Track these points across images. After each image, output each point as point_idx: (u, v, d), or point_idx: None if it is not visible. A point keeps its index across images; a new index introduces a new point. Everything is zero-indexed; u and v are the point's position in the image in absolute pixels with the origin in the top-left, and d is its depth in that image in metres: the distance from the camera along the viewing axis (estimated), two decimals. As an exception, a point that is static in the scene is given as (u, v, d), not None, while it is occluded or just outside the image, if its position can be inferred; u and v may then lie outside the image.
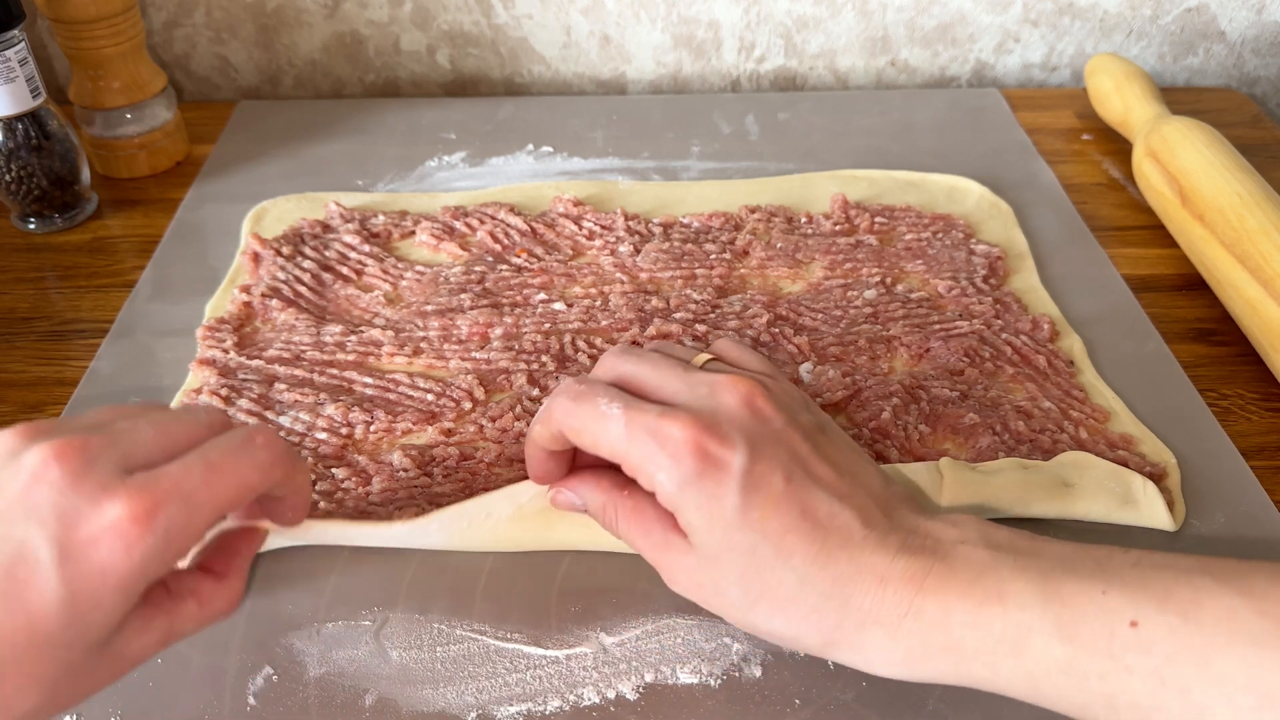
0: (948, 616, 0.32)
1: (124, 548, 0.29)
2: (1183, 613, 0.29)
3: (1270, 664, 0.28)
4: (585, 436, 0.36)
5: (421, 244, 0.59)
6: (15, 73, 0.58)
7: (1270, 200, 0.55)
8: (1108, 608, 0.30)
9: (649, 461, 0.35)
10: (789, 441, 0.35)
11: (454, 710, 0.37)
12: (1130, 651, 0.29)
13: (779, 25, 0.79)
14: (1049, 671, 0.31)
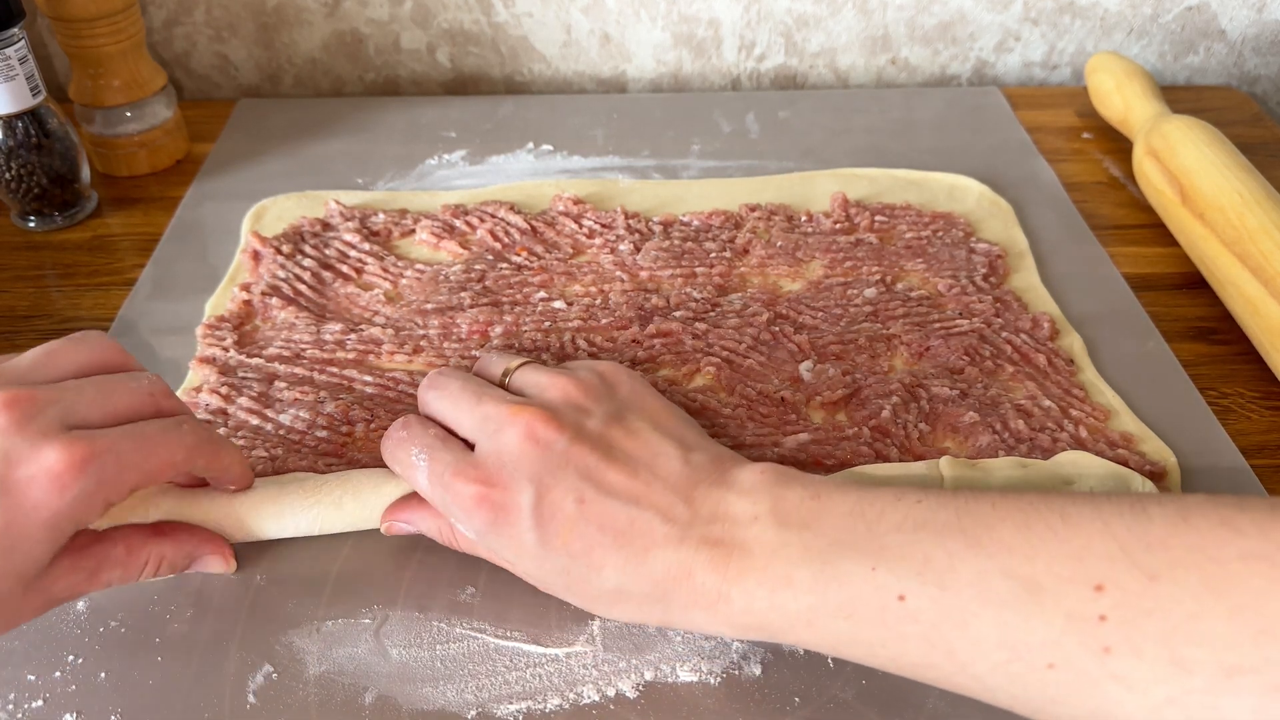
0: (752, 601, 0.35)
1: (57, 489, 0.32)
2: (941, 582, 0.32)
3: (1017, 623, 0.31)
4: (405, 480, 0.41)
5: (421, 242, 0.59)
6: (15, 71, 0.58)
7: (1270, 199, 0.55)
8: (878, 585, 0.33)
9: (451, 515, 0.39)
10: (576, 460, 0.37)
11: (454, 708, 0.37)
12: (902, 622, 0.32)
13: (779, 24, 0.79)
14: (841, 643, 0.34)
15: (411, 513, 0.41)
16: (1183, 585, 0.29)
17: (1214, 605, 0.28)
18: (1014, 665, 0.31)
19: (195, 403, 0.49)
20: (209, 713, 0.37)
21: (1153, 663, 0.29)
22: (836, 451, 0.46)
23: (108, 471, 0.33)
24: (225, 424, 0.48)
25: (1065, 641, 0.30)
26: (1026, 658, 0.30)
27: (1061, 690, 0.30)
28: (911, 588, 0.32)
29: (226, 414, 0.48)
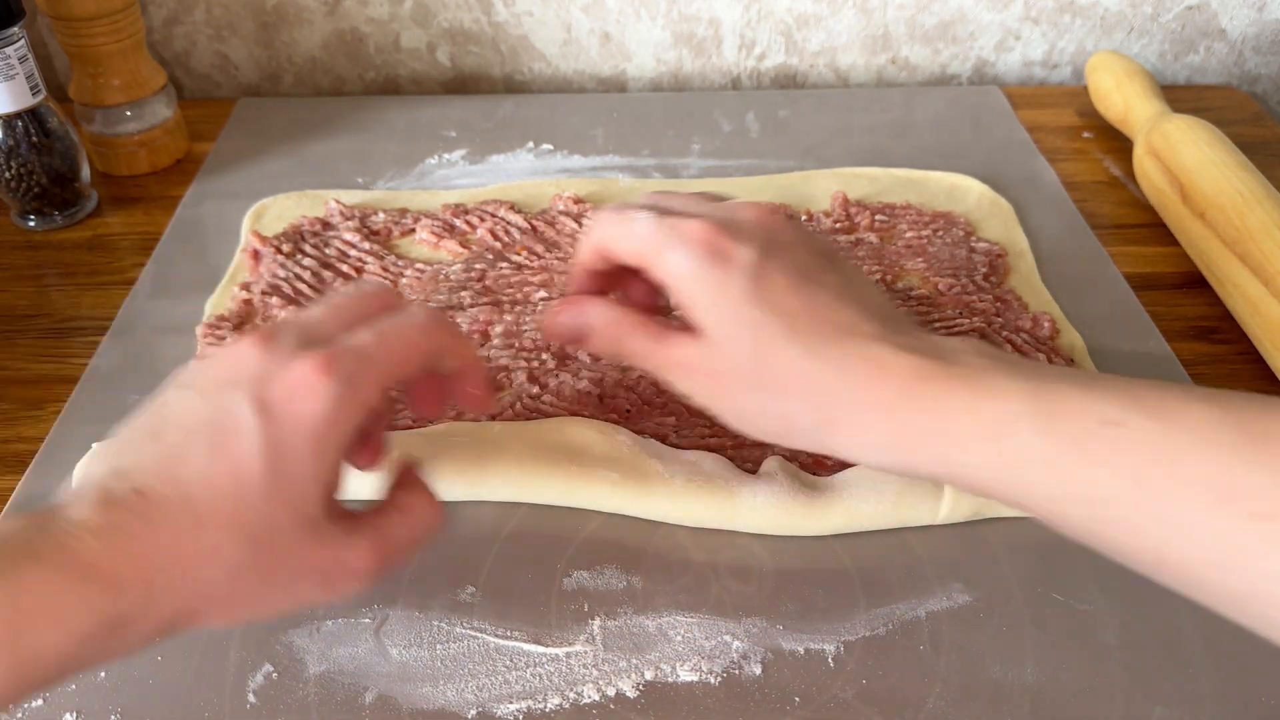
0: (940, 403, 0.33)
1: (312, 394, 0.32)
2: (1164, 419, 0.30)
3: (1233, 467, 0.29)
4: (617, 241, 0.39)
5: (422, 242, 0.59)
6: (15, 70, 0.58)
7: (1271, 198, 0.55)
8: (1089, 408, 0.31)
9: (665, 248, 0.37)
10: (799, 252, 0.37)
11: (454, 708, 0.37)
12: (1105, 447, 0.30)
13: (779, 23, 0.79)
14: (1029, 462, 0.32)
15: (585, 305, 0.40)
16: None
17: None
18: (1216, 510, 0.29)
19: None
20: (209, 712, 0.37)
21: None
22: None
23: (353, 367, 0.33)
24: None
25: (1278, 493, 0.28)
26: (1233, 504, 0.29)
27: (1264, 543, 0.28)
28: (1127, 416, 0.30)
29: (226, 413, 0.48)
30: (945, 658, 0.39)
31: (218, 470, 0.31)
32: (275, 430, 0.31)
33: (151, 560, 0.30)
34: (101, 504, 0.30)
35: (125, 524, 0.30)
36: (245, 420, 0.31)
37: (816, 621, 0.40)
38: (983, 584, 0.41)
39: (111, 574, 0.29)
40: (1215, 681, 0.38)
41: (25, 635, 0.27)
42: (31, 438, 0.49)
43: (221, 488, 0.31)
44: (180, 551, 0.30)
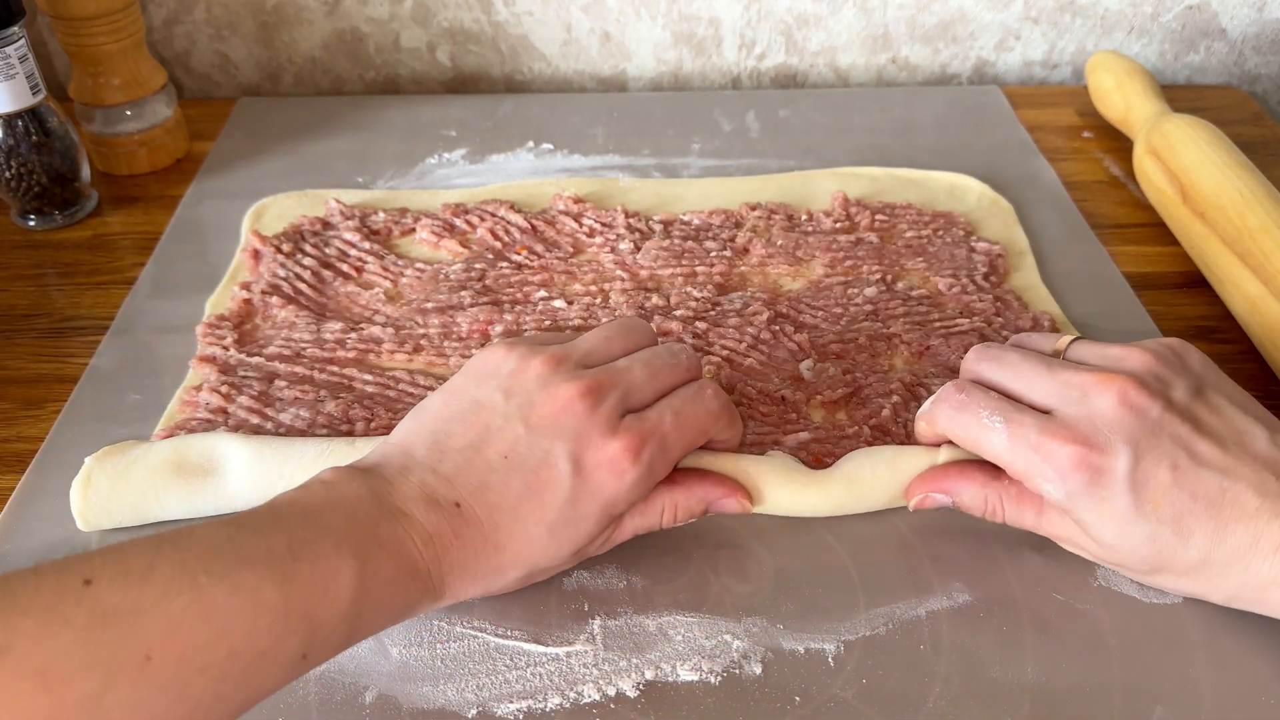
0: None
1: (618, 474, 0.37)
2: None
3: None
4: (969, 444, 0.40)
5: (422, 241, 0.59)
6: (15, 69, 0.58)
7: (1271, 198, 0.55)
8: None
9: (1036, 474, 0.38)
10: (1169, 428, 0.37)
11: (454, 707, 0.37)
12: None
13: (779, 22, 0.79)
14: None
15: (952, 482, 0.41)
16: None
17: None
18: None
19: (195, 401, 0.49)
20: (209, 711, 0.37)
21: None
22: (836, 450, 0.46)
23: (655, 455, 0.38)
24: (225, 423, 0.48)
25: None
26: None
27: None
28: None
29: (226, 413, 0.48)
30: (945, 657, 0.39)
31: (526, 509, 0.36)
32: (581, 491, 0.37)
33: (453, 569, 0.35)
34: (429, 507, 0.35)
35: (444, 535, 0.35)
36: (562, 475, 0.37)
37: (817, 621, 0.40)
38: (983, 584, 0.41)
39: (426, 574, 0.35)
40: (1215, 681, 0.38)
41: (365, 615, 0.33)
42: (31, 437, 0.49)
43: (525, 525, 0.36)
44: (475, 568, 0.36)
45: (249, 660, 0.29)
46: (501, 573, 0.37)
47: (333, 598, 0.31)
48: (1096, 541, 0.39)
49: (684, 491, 0.41)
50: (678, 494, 0.41)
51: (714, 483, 0.42)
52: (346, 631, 0.32)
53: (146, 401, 0.50)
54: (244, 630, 0.29)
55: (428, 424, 0.38)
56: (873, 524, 0.44)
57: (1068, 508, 0.38)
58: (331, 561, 0.32)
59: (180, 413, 0.49)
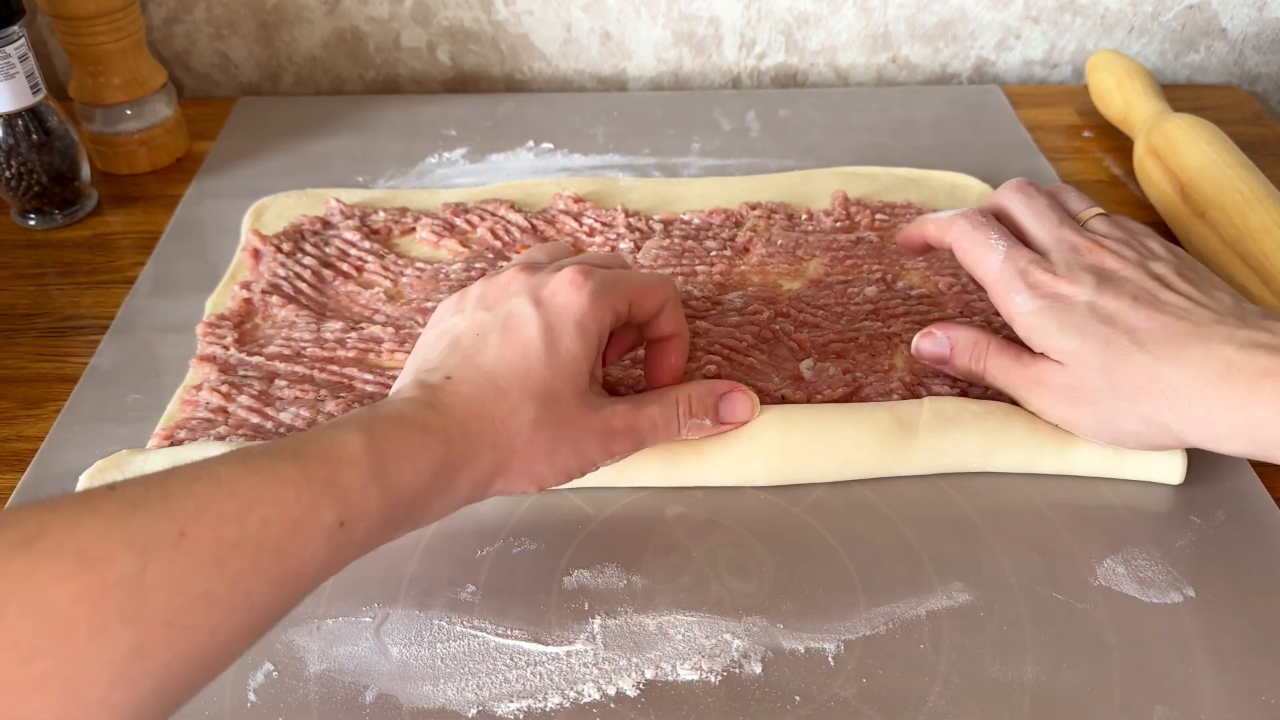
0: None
1: (575, 289, 0.40)
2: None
3: None
4: (967, 256, 0.46)
5: (422, 241, 0.59)
6: (15, 69, 0.58)
7: (1272, 197, 0.55)
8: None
9: (1012, 290, 0.44)
10: (1138, 279, 0.42)
11: (454, 706, 0.37)
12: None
13: (780, 22, 0.79)
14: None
15: (950, 328, 0.47)
16: None
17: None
18: None
19: (195, 401, 0.49)
20: (209, 711, 0.37)
21: None
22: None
23: (605, 278, 0.42)
24: (225, 422, 0.48)
25: None
26: None
27: None
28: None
29: (227, 412, 0.48)
30: (945, 657, 0.39)
31: (510, 351, 0.39)
32: (548, 316, 0.40)
33: (468, 419, 0.37)
34: (420, 386, 0.38)
35: (445, 397, 0.37)
36: (526, 312, 0.40)
37: (817, 620, 0.40)
38: (983, 583, 0.41)
39: (440, 429, 0.36)
40: (1215, 681, 0.38)
41: (390, 467, 0.34)
42: (31, 436, 0.49)
43: (513, 363, 0.39)
44: (487, 411, 0.38)
45: (283, 529, 0.30)
46: (515, 411, 0.38)
47: (350, 462, 0.33)
48: (1060, 354, 0.42)
49: (694, 385, 0.45)
50: (688, 387, 0.45)
51: (719, 381, 0.46)
52: (380, 493, 0.33)
53: (146, 401, 0.50)
54: (271, 500, 0.30)
55: (411, 362, 0.42)
56: (873, 524, 0.44)
57: (1033, 324, 0.43)
58: (337, 436, 0.34)
59: (180, 412, 0.49)
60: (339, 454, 0.33)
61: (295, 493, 0.31)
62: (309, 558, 0.31)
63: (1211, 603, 0.41)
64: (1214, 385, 0.38)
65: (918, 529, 0.44)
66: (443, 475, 0.36)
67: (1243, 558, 0.42)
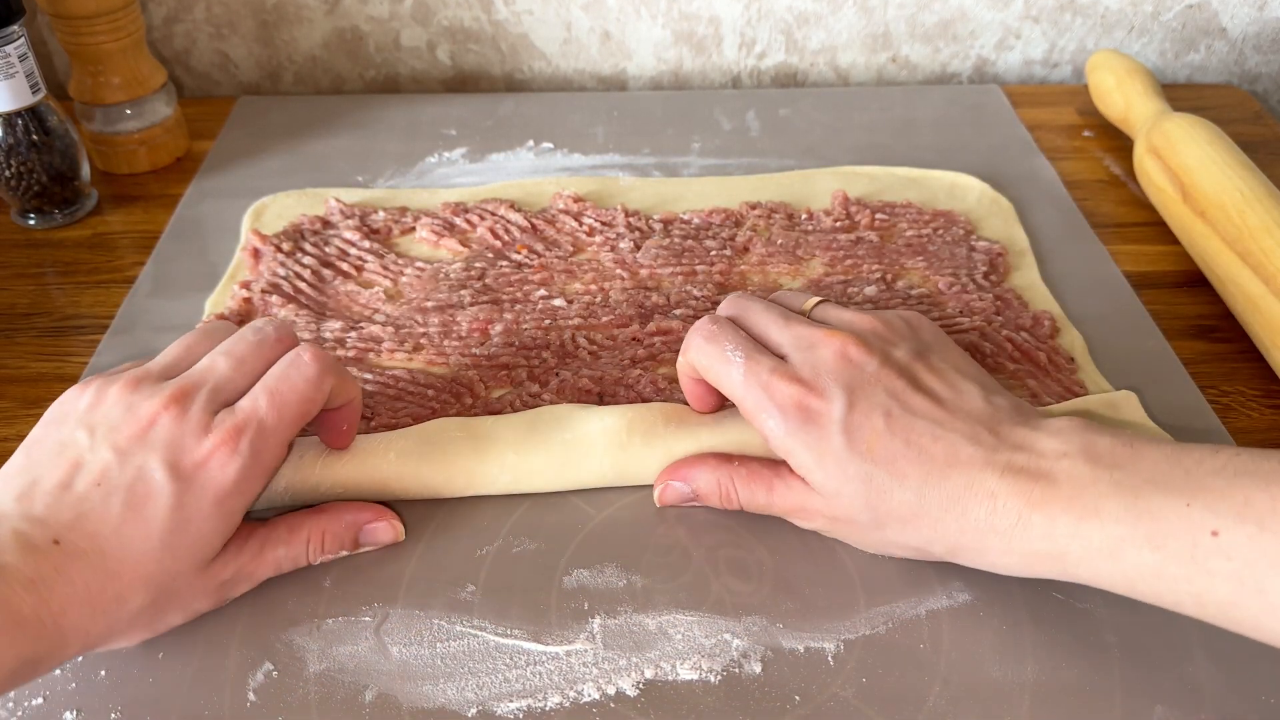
0: (1053, 528, 0.35)
1: (219, 469, 0.36)
2: (1260, 522, 0.32)
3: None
4: (710, 374, 0.42)
5: (422, 240, 0.59)
6: (15, 68, 0.58)
7: (1272, 197, 0.55)
8: (1192, 520, 0.33)
9: (761, 410, 0.40)
10: (885, 381, 0.40)
11: (454, 706, 0.37)
12: (1212, 558, 0.33)
13: (780, 21, 0.79)
14: (1143, 576, 0.34)
15: (688, 469, 0.43)
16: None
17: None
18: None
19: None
20: (209, 710, 0.37)
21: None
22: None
23: (256, 440, 0.37)
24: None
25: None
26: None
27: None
28: (1227, 524, 0.32)
29: (226, 412, 0.48)
30: (945, 656, 0.39)
31: (130, 529, 0.35)
32: (185, 495, 0.36)
33: (66, 609, 0.33)
34: (24, 551, 0.33)
35: (48, 576, 0.33)
36: (159, 485, 0.35)
37: (816, 620, 0.40)
38: (983, 582, 0.41)
39: (36, 622, 0.32)
40: (1215, 681, 0.38)
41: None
42: (31, 436, 0.49)
43: (132, 544, 0.35)
44: (92, 600, 0.34)
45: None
46: (122, 600, 0.35)
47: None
48: (819, 490, 0.39)
49: (330, 518, 0.41)
50: (324, 520, 0.41)
51: (361, 508, 0.42)
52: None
53: (146, 400, 0.50)
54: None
55: (12, 479, 0.36)
56: (873, 523, 0.44)
57: (788, 449, 0.39)
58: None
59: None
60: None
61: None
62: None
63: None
64: (981, 520, 0.36)
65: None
66: (22, 671, 0.32)
67: (1243, 557, 0.42)
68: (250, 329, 0.41)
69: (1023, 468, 0.36)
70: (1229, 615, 0.33)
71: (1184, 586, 0.33)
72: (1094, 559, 0.35)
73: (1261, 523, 0.32)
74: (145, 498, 0.35)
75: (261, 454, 0.38)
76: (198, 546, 0.36)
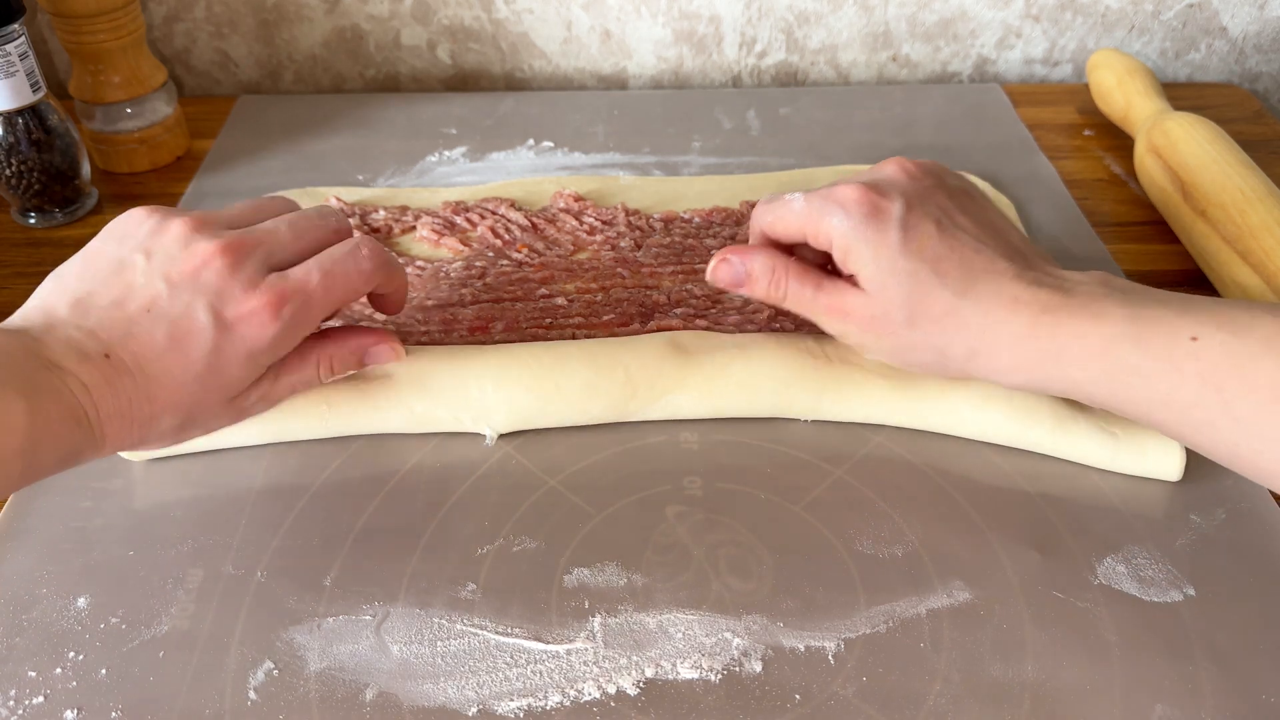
0: (1059, 330, 0.40)
1: (258, 327, 0.39)
2: (1234, 331, 0.37)
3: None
4: (778, 225, 0.45)
5: (422, 239, 0.59)
6: (15, 67, 0.58)
7: (1272, 196, 0.55)
8: (1176, 326, 0.38)
9: (825, 214, 0.43)
10: (936, 198, 0.43)
11: (455, 705, 0.37)
12: (1187, 359, 0.37)
13: (780, 20, 0.79)
14: (1124, 372, 0.39)
15: (747, 254, 0.45)
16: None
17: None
18: (1274, 406, 0.35)
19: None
20: (209, 709, 0.37)
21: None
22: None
23: (298, 311, 0.40)
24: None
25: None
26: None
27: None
28: (1206, 331, 0.37)
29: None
30: (945, 655, 0.39)
31: (170, 360, 0.38)
32: (223, 341, 0.38)
33: (111, 417, 0.37)
34: (79, 359, 0.36)
35: (98, 385, 0.36)
36: (202, 326, 0.38)
37: (817, 619, 0.40)
38: (983, 582, 0.41)
39: (88, 421, 0.36)
40: (1215, 681, 0.38)
41: (39, 452, 0.34)
42: (32, 435, 0.49)
43: (170, 374, 0.38)
44: (129, 414, 0.37)
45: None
46: (155, 420, 0.38)
47: (10, 431, 0.33)
48: (867, 284, 0.42)
49: (336, 344, 0.44)
50: (330, 346, 0.44)
51: (365, 332, 0.45)
52: (21, 467, 0.34)
53: (147, 399, 0.50)
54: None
55: (69, 285, 0.39)
56: (873, 521, 0.44)
57: (849, 243, 0.42)
58: (3, 400, 0.33)
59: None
60: (2, 421, 0.33)
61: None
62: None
63: (1211, 602, 0.41)
64: (1002, 321, 0.40)
65: (917, 527, 0.44)
66: (69, 460, 0.36)
67: (1243, 557, 0.43)
68: (316, 210, 0.44)
69: (1047, 283, 0.41)
70: (1191, 418, 0.38)
71: (1157, 384, 0.38)
72: (1087, 358, 0.39)
73: (1236, 332, 0.36)
74: (187, 334, 0.38)
75: (300, 323, 0.41)
76: (226, 386, 0.39)
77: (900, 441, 0.48)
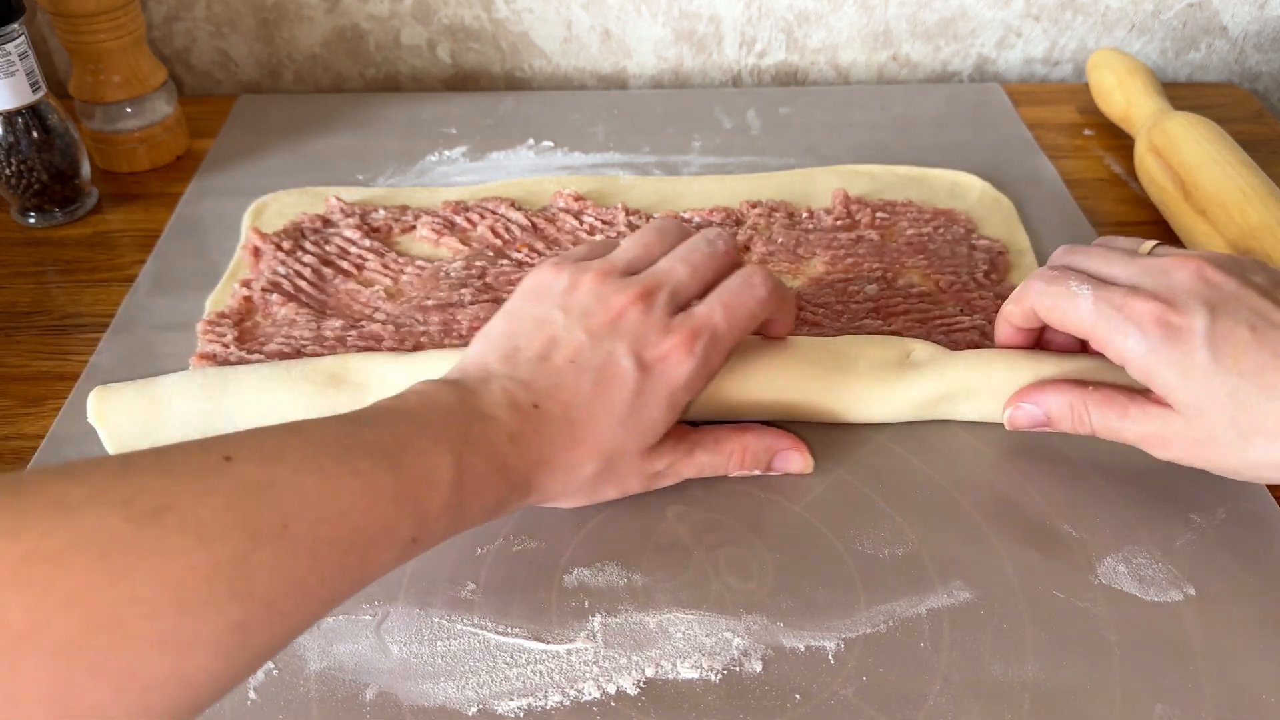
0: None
1: (675, 365, 0.40)
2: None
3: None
4: (1055, 313, 0.43)
5: (422, 239, 0.59)
6: (15, 67, 0.58)
7: (1273, 195, 0.55)
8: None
9: (1117, 332, 0.40)
10: (1246, 300, 0.40)
11: (455, 705, 0.37)
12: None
13: (780, 20, 0.79)
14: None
15: (1040, 394, 0.44)
16: None
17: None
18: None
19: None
20: (209, 709, 0.37)
21: None
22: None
23: (709, 346, 0.41)
24: (226, 420, 0.48)
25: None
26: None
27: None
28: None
29: (227, 410, 0.48)
30: (946, 655, 0.39)
31: (596, 405, 0.39)
32: (644, 383, 0.40)
33: (536, 465, 0.38)
34: (510, 409, 0.38)
35: (526, 434, 0.38)
36: (626, 370, 0.40)
37: (817, 618, 0.40)
38: (983, 581, 0.41)
39: (513, 471, 0.37)
40: (1215, 681, 0.38)
41: (466, 500, 0.36)
42: (32, 435, 0.49)
43: (596, 418, 0.39)
44: (555, 461, 0.39)
45: (369, 536, 0.32)
46: (577, 467, 0.39)
47: (436, 486, 0.34)
48: (1182, 409, 0.40)
49: (754, 437, 0.45)
50: (748, 438, 0.44)
51: (780, 436, 0.45)
52: (450, 520, 0.35)
53: (147, 399, 0.50)
54: (364, 509, 0.32)
55: (497, 342, 0.41)
56: (873, 521, 0.44)
57: (1150, 368, 0.40)
58: (432, 456, 0.35)
59: (180, 410, 0.48)
60: (429, 475, 0.34)
61: (385, 506, 0.33)
62: (382, 561, 0.33)
63: (1212, 601, 0.41)
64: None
65: (917, 527, 0.44)
66: (498, 510, 0.38)
67: (1243, 556, 0.42)
68: (703, 239, 0.45)
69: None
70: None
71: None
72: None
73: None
74: (612, 379, 0.39)
75: (711, 358, 0.41)
76: (646, 430, 0.40)
77: (900, 441, 0.48)
